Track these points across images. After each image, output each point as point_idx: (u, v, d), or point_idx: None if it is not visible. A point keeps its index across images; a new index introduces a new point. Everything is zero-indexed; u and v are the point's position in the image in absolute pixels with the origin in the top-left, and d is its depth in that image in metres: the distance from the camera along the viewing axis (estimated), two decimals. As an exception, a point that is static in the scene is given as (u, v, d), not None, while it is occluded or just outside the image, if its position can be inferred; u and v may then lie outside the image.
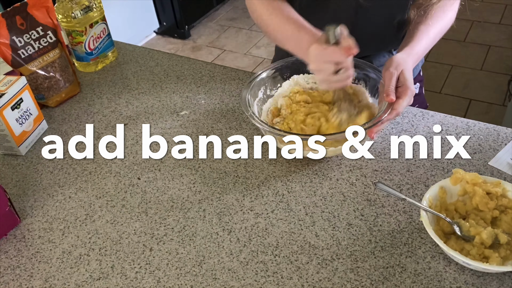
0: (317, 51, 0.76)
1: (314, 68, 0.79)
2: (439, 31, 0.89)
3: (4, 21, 0.97)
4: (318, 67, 0.78)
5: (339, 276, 0.68)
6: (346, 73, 0.77)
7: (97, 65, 1.21)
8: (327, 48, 0.75)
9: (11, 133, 0.93)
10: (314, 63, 0.78)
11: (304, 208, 0.79)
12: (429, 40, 0.87)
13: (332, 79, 0.78)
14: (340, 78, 0.77)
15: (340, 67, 0.76)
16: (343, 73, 0.77)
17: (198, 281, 0.70)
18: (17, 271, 0.74)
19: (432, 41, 0.88)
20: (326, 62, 0.76)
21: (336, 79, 0.78)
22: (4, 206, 0.78)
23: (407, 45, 0.84)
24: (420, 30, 0.86)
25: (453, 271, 0.68)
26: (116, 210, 0.83)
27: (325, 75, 0.78)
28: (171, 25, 3.35)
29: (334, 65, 0.76)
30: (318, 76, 0.79)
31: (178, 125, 1.00)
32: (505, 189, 0.72)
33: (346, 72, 0.77)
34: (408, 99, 0.78)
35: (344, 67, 0.76)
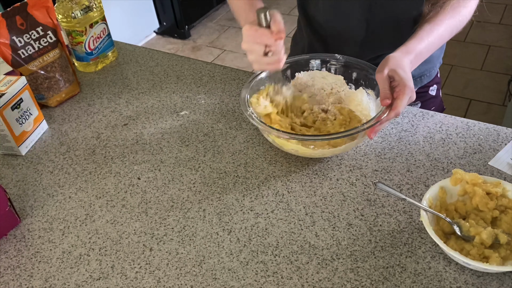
0: (248, 31, 0.78)
1: (245, 47, 0.80)
2: (446, 30, 0.87)
3: (4, 21, 0.97)
4: (248, 47, 0.79)
5: (339, 276, 0.68)
6: (275, 56, 0.78)
7: (97, 65, 1.21)
8: (257, 30, 0.77)
9: (11, 133, 0.93)
10: (245, 43, 0.79)
11: (304, 208, 0.79)
12: (432, 38, 0.85)
13: (262, 60, 0.79)
14: (269, 60, 0.79)
15: (269, 50, 0.78)
16: (272, 56, 0.78)
17: (198, 281, 0.70)
18: (17, 271, 0.74)
19: (438, 40, 0.86)
20: (256, 43, 0.78)
21: (266, 61, 0.79)
22: (4, 206, 0.78)
23: (404, 44, 0.84)
24: (423, 29, 0.85)
25: (453, 271, 0.68)
26: (116, 210, 0.83)
27: (255, 55, 0.79)
28: (171, 25, 3.35)
29: (264, 47, 0.77)
30: (249, 56, 0.80)
31: (178, 125, 1.00)
32: (505, 189, 0.72)
33: (275, 56, 0.78)
34: (407, 97, 0.77)
35: (273, 50, 0.78)
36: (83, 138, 1.00)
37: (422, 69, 1.05)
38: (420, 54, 0.84)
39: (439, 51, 1.07)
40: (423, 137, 0.90)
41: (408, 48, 0.82)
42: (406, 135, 0.90)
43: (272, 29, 0.76)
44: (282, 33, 0.76)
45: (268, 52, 0.78)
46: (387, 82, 0.79)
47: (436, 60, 1.09)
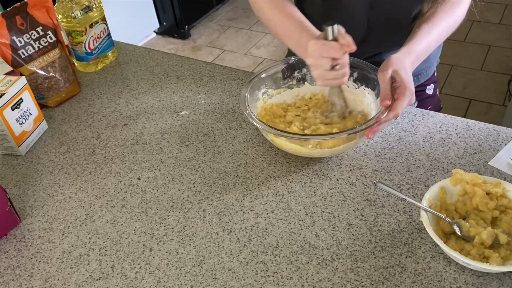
0: (315, 46, 0.78)
1: (311, 62, 0.80)
2: (444, 30, 0.88)
3: (4, 21, 0.97)
4: (315, 62, 0.79)
5: (339, 276, 0.68)
6: (342, 70, 0.78)
7: (97, 65, 1.21)
8: (325, 44, 0.76)
9: (11, 133, 0.93)
10: (312, 58, 0.79)
11: (304, 208, 0.79)
12: (431, 39, 0.86)
13: (328, 75, 0.79)
14: (335, 75, 0.79)
15: (336, 64, 0.77)
16: (339, 70, 0.78)
17: (198, 281, 0.70)
18: (17, 271, 0.74)
19: (436, 40, 0.87)
20: (323, 57, 0.77)
21: (332, 76, 0.79)
22: (4, 206, 0.78)
23: (405, 45, 0.84)
24: (421, 29, 0.85)
25: (453, 271, 0.68)
26: (116, 210, 0.83)
27: (321, 70, 0.79)
28: (171, 25, 3.35)
29: (330, 61, 0.77)
30: (314, 71, 0.80)
31: (178, 125, 1.00)
32: (505, 189, 0.72)
33: (342, 69, 0.78)
34: (407, 99, 0.77)
35: (340, 63, 0.77)
36: (83, 138, 1.00)
37: (419, 68, 1.04)
38: (420, 55, 0.84)
39: (436, 50, 1.07)
40: (423, 137, 0.90)
41: (410, 49, 0.82)
42: (406, 135, 0.90)
43: (341, 42, 0.76)
44: (352, 46, 0.76)
45: (335, 65, 0.78)
46: (389, 82, 0.79)
47: (433, 59, 1.09)
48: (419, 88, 1.10)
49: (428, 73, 1.10)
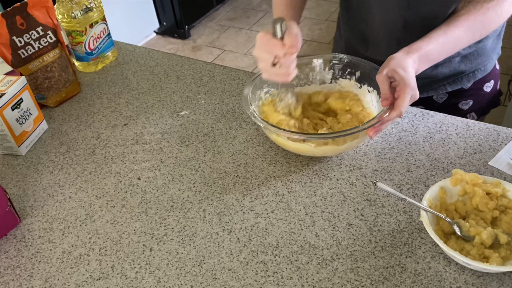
0: (261, 39, 0.78)
1: (255, 54, 0.80)
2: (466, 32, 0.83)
3: (4, 21, 0.97)
4: (258, 55, 0.79)
5: (339, 276, 0.68)
6: (283, 69, 0.77)
7: (97, 65, 1.21)
8: (270, 40, 0.76)
9: (11, 133, 0.93)
10: (256, 50, 0.79)
11: (304, 208, 0.79)
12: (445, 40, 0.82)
13: (271, 70, 0.79)
14: (278, 72, 0.78)
15: (278, 62, 0.77)
16: (280, 68, 0.77)
17: (198, 281, 0.70)
18: (17, 271, 0.74)
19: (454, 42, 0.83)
20: (266, 52, 0.77)
21: (274, 72, 0.79)
22: (4, 206, 0.78)
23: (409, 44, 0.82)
24: (436, 30, 0.82)
25: (453, 271, 0.68)
26: (116, 210, 0.83)
27: (264, 64, 0.79)
28: (171, 25, 3.35)
29: (272, 57, 0.77)
30: (259, 64, 0.80)
31: (178, 125, 1.00)
32: (505, 189, 0.72)
33: (283, 69, 0.77)
34: (408, 96, 0.76)
35: (281, 63, 0.77)
36: (83, 138, 1.00)
37: (474, 63, 1.00)
38: (427, 55, 0.81)
39: (495, 42, 1.02)
40: (423, 137, 0.90)
41: (411, 48, 0.81)
42: (406, 135, 0.90)
43: (284, 42, 0.75)
44: (293, 48, 0.75)
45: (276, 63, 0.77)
46: (386, 82, 0.78)
47: (491, 52, 1.02)
48: (476, 85, 1.04)
49: (486, 68, 1.03)
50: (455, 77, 1.01)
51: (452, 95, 1.04)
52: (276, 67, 0.78)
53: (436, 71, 0.99)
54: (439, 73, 0.99)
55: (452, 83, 1.02)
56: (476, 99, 1.06)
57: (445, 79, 1.01)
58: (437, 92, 1.04)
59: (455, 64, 0.98)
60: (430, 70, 0.97)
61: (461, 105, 1.06)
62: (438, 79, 1.01)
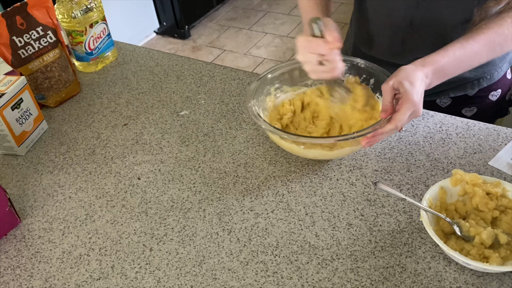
0: (302, 43, 0.80)
1: (300, 59, 0.82)
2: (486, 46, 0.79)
3: (4, 21, 0.97)
4: (304, 58, 0.81)
5: (339, 276, 0.68)
6: (331, 65, 0.79)
7: (97, 65, 1.21)
8: (311, 41, 0.78)
9: (11, 133, 0.93)
10: (300, 54, 0.81)
11: (304, 208, 0.79)
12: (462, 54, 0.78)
13: (318, 69, 0.80)
14: (325, 69, 0.80)
15: (324, 59, 0.78)
16: (328, 65, 0.79)
17: (198, 281, 0.70)
18: (17, 271, 0.74)
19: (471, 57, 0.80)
20: (311, 54, 0.79)
21: (322, 70, 0.80)
22: (4, 206, 0.78)
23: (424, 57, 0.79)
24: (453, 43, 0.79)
25: (453, 271, 0.68)
26: (116, 210, 0.83)
27: (311, 65, 0.81)
28: (171, 25, 3.35)
29: (318, 57, 0.78)
30: (305, 66, 0.82)
31: (178, 125, 1.00)
32: (505, 189, 0.72)
33: (331, 64, 0.79)
34: (408, 111, 0.73)
35: (329, 59, 0.78)
36: (83, 138, 1.00)
37: (479, 72, 0.98)
38: (443, 69, 0.78)
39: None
40: (423, 137, 0.90)
41: (425, 61, 0.78)
42: (406, 135, 0.90)
43: (327, 39, 0.76)
44: (337, 42, 0.76)
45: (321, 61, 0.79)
46: (390, 93, 0.76)
47: (499, 61, 0.99)
48: (481, 93, 1.02)
49: (493, 76, 1.00)
50: (458, 83, 1.00)
51: (456, 101, 1.03)
52: (323, 66, 0.79)
53: None
54: None
55: (455, 89, 1.01)
56: (480, 107, 1.04)
57: (447, 84, 1.00)
58: (439, 96, 1.03)
59: None
60: None
61: (465, 112, 1.05)
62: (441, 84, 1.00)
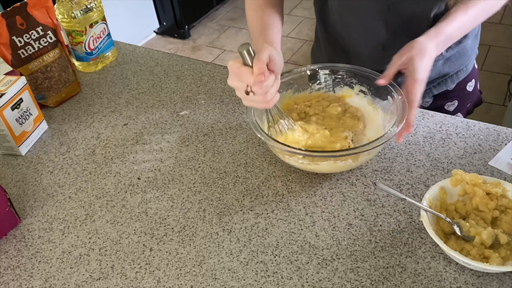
0: (231, 68, 0.73)
1: (230, 83, 0.76)
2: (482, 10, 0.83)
3: (4, 21, 0.97)
4: (232, 84, 0.76)
5: (339, 276, 0.68)
6: (258, 97, 0.73)
7: (97, 65, 1.21)
8: (239, 68, 0.72)
9: (11, 133, 0.93)
10: (229, 79, 0.76)
11: (304, 208, 0.79)
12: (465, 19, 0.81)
13: (247, 98, 0.75)
14: (253, 99, 0.74)
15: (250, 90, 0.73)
16: (256, 96, 0.73)
17: (198, 281, 0.70)
18: (17, 271, 0.74)
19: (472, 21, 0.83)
20: (239, 81, 0.74)
21: (251, 99, 0.74)
22: (4, 206, 0.78)
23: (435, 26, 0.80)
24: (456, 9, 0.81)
25: (453, 271, 0.68)
26: (116, 210, 0.83)
27: (240, 93, 0.75)
28: (171, 25, 3.35)
29: (245, 86, 0.73)
30: (236, 92, 0.77)
31: (178, 125, 1.00)
32: (505, 189, 0.72)
33: (258, 97, 0.73)
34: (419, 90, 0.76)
35: (254, 90, 0.72)
36: (83, 138, 1.00)
37: (457, 64, 1.01)
38: (450, 37, 0.80)
39: (474, 41, 1.03)
40: (423, 137, 0.90)
41: (438, 31, 0.79)
42: (406, 135, 0.90)
43: (254, 69, 0.70)
44: (261, 76, 0.70)
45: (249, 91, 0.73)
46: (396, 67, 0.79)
47: (471, 51, 1.03)
48: (459, 86, 1.05)
49: (468, 68, 1.04)
50: (439, 79, 1.02)
51: (438, 97, 1.05)
52: (251, 95, 0.74)
53: None
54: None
55: (437, 86, 1.03)
56: (460, 99, 1.07)
57: (430, 83, 1.02)
58: (423, 96, 1.04)
59: (439, 66, 0.99)
60: None
61: (447, 107, 1.07)
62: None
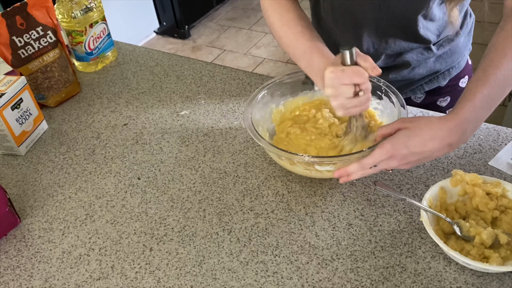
0: (334, 74, 0.69)
1: (330, 93, 0.71)
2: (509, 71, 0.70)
3: (4, 21, 0.97)
4: (335, 92, 0.71)
5: (339, 276, 0.68)
6: (366, 95, 0.71)
7: (97, 65, 1.21)
8: (345, 70, 0.69)
9: (11, 133, 0.93)
10: (331, 88, 0.71)
11: (304, 208, 0.79)
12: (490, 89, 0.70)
13: (350, 103, 0.71)
14: (358, 102, 0.71)
15: (360, 90, 0.70)
16: (363, 96, 0.70)
17: (198, 281, 0.70)
18: (17, 271, 0.74)
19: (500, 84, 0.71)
20: (345, 85, 0.70)
21: (354, 104, 0.71)
22: (4, 206, 0.78)
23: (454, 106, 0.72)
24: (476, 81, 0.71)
25: (453, 271, 0.68)
26: (116, 210, 0.83)
27: (343, 99, 0.71)
28: (171, 25, 3.35)
29: (353, 88, 0.70)
30: (334, 101, 0.72)
31: (178, 125, 1.00)
32: (505, 189, 0.72)
33: (366, 95, 0.71)
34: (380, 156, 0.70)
35: (364, 89, 0.70)
36: (83, 138, 1.00)
37: (449, 61, 1.01)
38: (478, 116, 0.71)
39: (467, 38, 1.02)
40: (423, 137, 0.90)
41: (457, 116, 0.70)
42: (406, 135, 0.90)
43: (363, 65, 0.69)
44: (377, 67, 0.69)
45: (358, 92, 0.70)
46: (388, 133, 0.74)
47: (464, 49, 1.02)
48: (452, 82, 1.04)
49: (460, 64, 1.03)
50: (431, 76, 1.02)
51: (430, 93, 1.05)
52: (355, 98, 0.70)
53: (413, 72, 0.99)
54: (416, 74, 1.00)
55: (429, 82, 1.03)
56: (453, 95, 1.07)
57: (422, 79, 1.02)
58: (415, 92, 1.05)
59: (431, 63, 0.99)
60: (407, 72, 0.99)
61: (439, 103, 1.07)
62: (416, 80, 1.02)
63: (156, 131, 0.99)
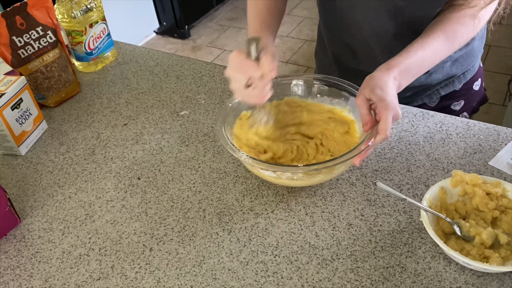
0: (234, 59, 0.73)
1: (228, 74, 0.76)
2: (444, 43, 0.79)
3: (4, 21, 0.97)
4: (232, 75, 0.75)
5: (339, 276, 0.68)
6: (257, 91, 0.74)
7: (97, 65, 1.21)
8: (244, 60, 0.72)
9: (11, 133, 0.93)
10: (229, 70, 0.75)
11: (304, 208, 0.79)
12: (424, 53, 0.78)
13: (244, 92, 0.75)
14: (251, 94, 0.74)
15: (251, 83, 0.73)
16: (253, 90, 0.74)
17: (198, 281, 0.70)
18: (17, 271, 0.74)
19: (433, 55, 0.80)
20: (240, 73, 0.74)
21: (246, 94, 0.75)
22: (4, 206, 0.78)
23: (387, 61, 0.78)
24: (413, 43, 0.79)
25: (453, 271, 0.68)
26: (116, 210, 0.83)
27: (236, 85, 0.75)
28: (171, 25, 3.35)
29: (246, 79, 0.73)
30: (231, 84, 0.76)
31: (178, 125, 1.00)
32: (505, 189, 0.72)
33: (257, 91, 0.74)
34: (389, 117, 0.70)
35: (256, 85, 0.73)
36: (83, 138, 1.00)
37: (464, 65, 1.01)
38: (408, 69, 0.77)
39: (480, 41, 1.02)
40: (423, 137, 0.90)
41: (389, 65, 0.76)
42: (406, 135, 0.90)
43: (263, 65, 0.72)
44: (273, 72, 0.72)
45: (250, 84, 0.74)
46: (365, 105, 0.74)
47: (478, 52, 1.03)
48: (466, 85, 1.04)
49: (474, 67, 1.04)
50: (447, 81, 1.02)
51: (444, 98, 1.05)
52: (249, 89, 0.74)
53: (430, 78, 0.99)
54: (433, 79, 1.00)
55: (444, 87, 1.03)
56: (467, 98, 1.07)
57: (438, 84, 1.02)
58: (430, 97, 1.05)
59: (447, 68, 0.99)
60: (424, 77, 0.98)
61: (453, 106, 1.07)
62: (432, 85, 1.02)
63: (156, 131, 0.99)
